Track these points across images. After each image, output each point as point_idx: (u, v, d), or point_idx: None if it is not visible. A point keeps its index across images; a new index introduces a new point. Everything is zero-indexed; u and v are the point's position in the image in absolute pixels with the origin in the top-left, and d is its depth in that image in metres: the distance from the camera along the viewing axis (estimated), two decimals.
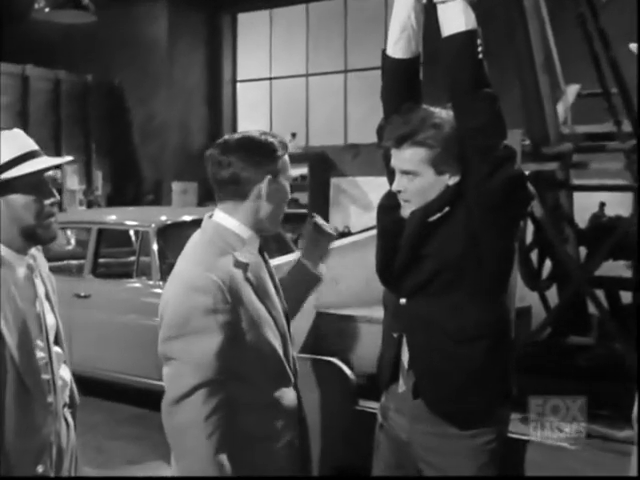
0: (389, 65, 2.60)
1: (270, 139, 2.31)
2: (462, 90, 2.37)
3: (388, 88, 2.63)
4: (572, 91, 4.20)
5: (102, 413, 6.62)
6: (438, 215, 2.45)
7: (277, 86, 13.17)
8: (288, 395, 2.36)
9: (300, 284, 2.61)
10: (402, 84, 2.59)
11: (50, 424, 2.30)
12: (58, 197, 2.34)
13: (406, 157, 2.45)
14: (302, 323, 3.57)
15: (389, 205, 2.58)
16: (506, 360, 2.55)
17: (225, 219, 2.33)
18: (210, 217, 2.37)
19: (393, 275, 2.55)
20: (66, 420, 2.43)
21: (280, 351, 2.32)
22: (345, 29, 12.23)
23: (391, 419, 2.64)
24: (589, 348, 3.92)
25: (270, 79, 13.20)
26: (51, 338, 2.37)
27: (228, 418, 2.18)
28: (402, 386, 2.58)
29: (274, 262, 3.83)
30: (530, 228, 3.94)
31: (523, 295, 4.11)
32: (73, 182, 12.24)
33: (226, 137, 2.38)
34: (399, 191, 2.50)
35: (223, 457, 2.15)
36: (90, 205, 12.14)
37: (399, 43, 2.56)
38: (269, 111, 13.23)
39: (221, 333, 2.16)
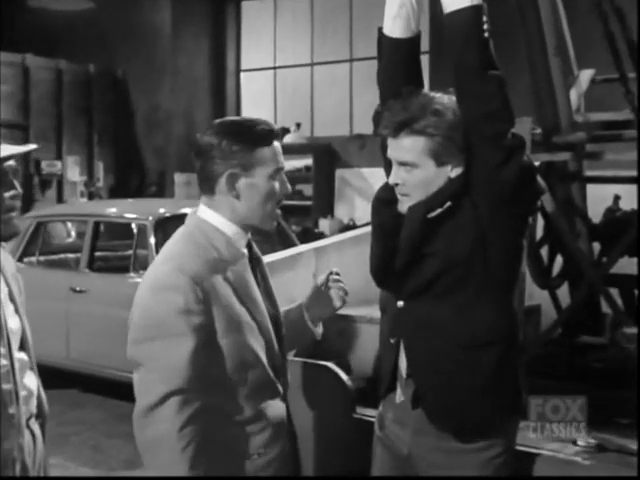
0: (386, 45, 2.38)
1: (249, 126, 2.10)
2: (467, 72, 2.16)
3: (385, 71, 2.42)
4: (586, 76, 4.02)
5: (100, 410, 6.57)
6: (439, 211, 2.24)
7: (282, 75, 13.01)
8: (274, 408, 2.18)
9: (291, 330, 2.37)
10: (400, 66, 2.37)
11: (13, 438, 2.13)
12: (20, 189, 2.14)
13: (404, 147, 2.24)
14: None
15: (387, 199, 2.36)
16: (516, 366, 2.35)
17: (209, 214, 2.15)
18: (195, 212, 2.20)
19: (391, 276, 2.34)
20: (32, 433, 2.25)
21: (264, 359, 2.13)
22: (350, 17, 12.06)
23: (390, 430, 2.44)
24: (602, 349, 3.76)
25: (274, 68, 13.05)
26: (14, 344, 2.18)
27: (206, 430, 2.00)
28: (400, 396, 2.38)
29: (268, 258, 3.67)
30: (540, 223, 3.78)
31: (532, 293, 3.95)
32: (74, 173, 12.14)
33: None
34: (397, 184, 2.28)
35: (200, 471, 1.98)
36: (91, 197, 12.01)
37: (397, 21, 2.35)
38: (273, 101, 13.06)
39: (194, 337, 1.99)
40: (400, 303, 2.33)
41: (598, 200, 3.90)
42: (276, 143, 2.14)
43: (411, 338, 2.32)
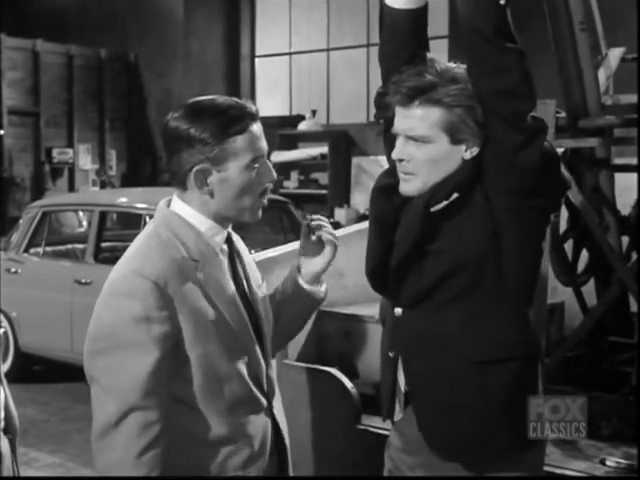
0: (389, 17, 2.06)
1: (217, 112, 1.84)
2: (480, 39, 1.86)
3: (388, 47, 2.09)
4: (615, 55, 3.76)
5: None
6: (444, 203, 1.93)
7: (297, 61, 12.79)
8: (256, 424, 1.93)
9: (293, 302, 2.11)
10: (406, 41, 2.04)
11: None
12: None
13: (416, 117, 1.93)
14: None
15: (389, 186, 2.06)
16: (535, 387, 2.04)
17: (180, 207, 1.91)
18: (166, 204, 1.95)
19: (388, 277, 2.03)
20: None
21: (243, 371, 1.88)
22: (368, 1, 11.78)
23: (400, 460, 2.11)
24: (631, 350, 3.50)
25: (290, 54, 12.82)
26: None
27: (170, 456, 1.79)
28: (399, 413, 2.08)
29: (269, 253, 3.42)
30: (564, 215, 3.51)
31: (555, 288, 3.71)
32: (86, 161, 12.04)
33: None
34: (401, 160, 1.97)
35: None
36: (103, 185, 11.91)
37: None
38: (289, 87, 12.83)
39: (155, 348, 1.77)
40: (398, 311, 2.04)
41: (625, 190, 3.62)
42: (254, 126, 1.87)
43: (409, 353, 2.03)
